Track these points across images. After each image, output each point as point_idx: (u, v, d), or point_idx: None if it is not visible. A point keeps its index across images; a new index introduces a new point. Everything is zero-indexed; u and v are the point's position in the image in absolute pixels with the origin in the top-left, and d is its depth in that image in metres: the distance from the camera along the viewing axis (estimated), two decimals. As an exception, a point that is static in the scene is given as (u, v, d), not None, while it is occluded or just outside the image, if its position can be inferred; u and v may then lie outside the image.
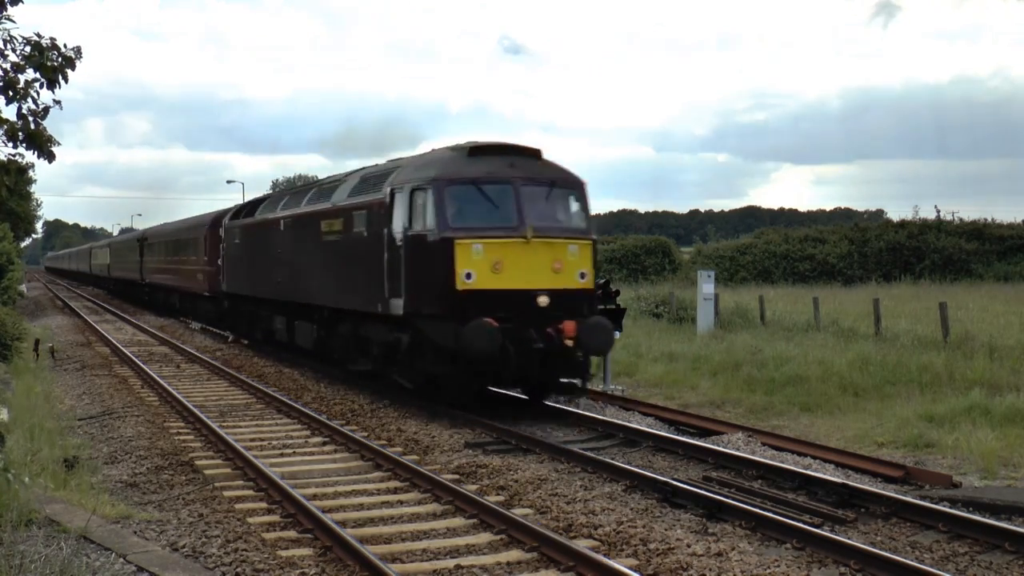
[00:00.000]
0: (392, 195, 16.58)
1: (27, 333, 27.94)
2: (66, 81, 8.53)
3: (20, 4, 8.63)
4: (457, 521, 9.95)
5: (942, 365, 17.99)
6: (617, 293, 17.66)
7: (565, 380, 16.00)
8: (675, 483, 10.83)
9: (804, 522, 9.50)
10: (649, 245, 55.37)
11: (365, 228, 17.68)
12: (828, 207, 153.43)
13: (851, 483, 10.94)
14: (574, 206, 16.37)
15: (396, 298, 16.07)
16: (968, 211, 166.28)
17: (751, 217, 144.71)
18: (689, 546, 8.90)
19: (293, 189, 29.67)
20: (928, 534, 9.56)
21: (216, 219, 33.81)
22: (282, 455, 13.22)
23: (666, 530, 9.46)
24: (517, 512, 9.96)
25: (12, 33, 8.51)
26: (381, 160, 21.19)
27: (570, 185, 16.39)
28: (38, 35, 8.49)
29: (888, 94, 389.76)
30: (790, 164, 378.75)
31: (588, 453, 12.71)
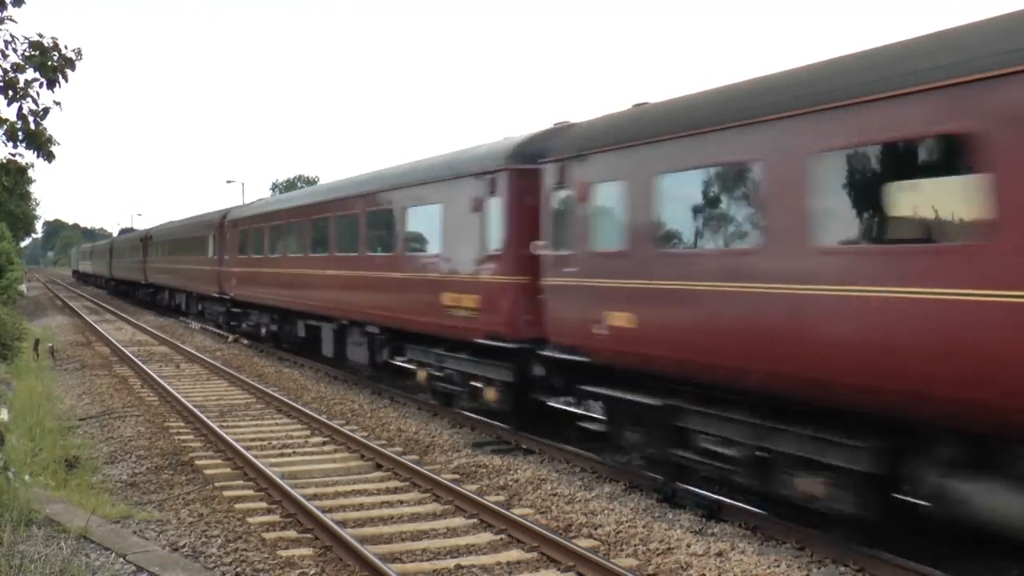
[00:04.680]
0: None
1: (27, 333, 27.99)
2: (66, 80, 8.57)
3: (23, 5, 8.67)
4: (457, 521, 9.95)
5: None
6: None
7: None
8: (675, 483, 10.83)
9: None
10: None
11: None
12: None
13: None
14: None
15: None
16: None
17: None
18: (689, 546, 8.91)
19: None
20: None
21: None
22: (282, 455, 13.22)
23: (666, 530, 9.46)
24: (517, 512, 9.96)
25: (13, 33, 8.54)
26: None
27: None
28: (40, 35, 8.53)
29: None
30: None
31: (588, 453, 12.71)
